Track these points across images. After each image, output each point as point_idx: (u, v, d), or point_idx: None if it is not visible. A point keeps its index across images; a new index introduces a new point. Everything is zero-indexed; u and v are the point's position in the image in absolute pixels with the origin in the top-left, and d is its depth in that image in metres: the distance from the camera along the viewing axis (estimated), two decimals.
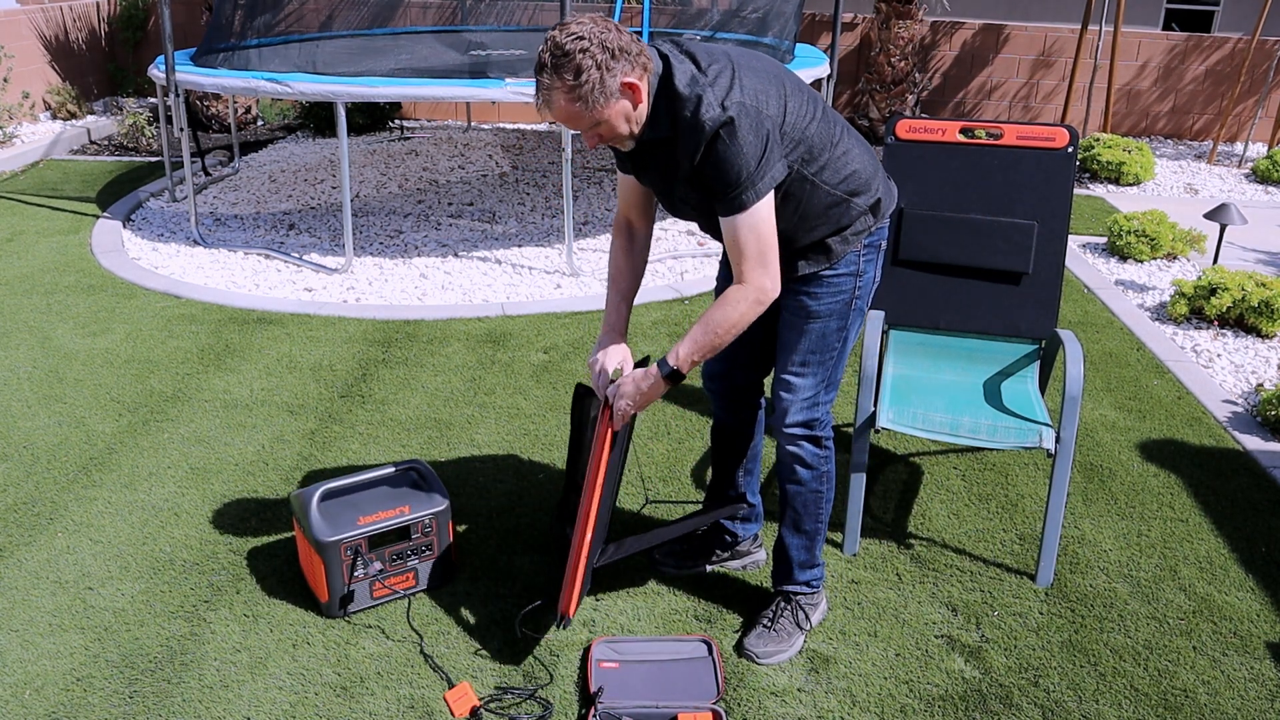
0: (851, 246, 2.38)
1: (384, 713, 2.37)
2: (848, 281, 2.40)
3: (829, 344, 2.43)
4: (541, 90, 2.10)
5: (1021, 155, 3.11)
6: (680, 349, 2.27)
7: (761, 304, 2.22)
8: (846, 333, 2.45)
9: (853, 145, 2.36)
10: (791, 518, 2.58)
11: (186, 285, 4.93)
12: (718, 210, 2.21)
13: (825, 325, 2.42)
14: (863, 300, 2.45)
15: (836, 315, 2.42)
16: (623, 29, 2.12)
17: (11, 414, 3.67)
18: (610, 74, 2.08)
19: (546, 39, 2.09)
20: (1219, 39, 8.43)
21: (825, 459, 2.53)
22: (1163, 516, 3.18)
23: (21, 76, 8.16)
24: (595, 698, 2.38)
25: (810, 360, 2.44)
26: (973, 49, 8.69)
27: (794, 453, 2.50)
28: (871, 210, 2.39)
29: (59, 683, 2.44)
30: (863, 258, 2.41)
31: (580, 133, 2.18)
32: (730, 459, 2.78)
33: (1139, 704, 2.44)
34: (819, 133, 2.27)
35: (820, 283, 2.40)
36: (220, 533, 3.01)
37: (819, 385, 2.46)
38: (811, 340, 2.43)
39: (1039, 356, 3.18)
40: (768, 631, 2.57)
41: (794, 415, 2.46)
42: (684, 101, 2.13)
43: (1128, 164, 7.10)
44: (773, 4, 6.05)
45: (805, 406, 2.46)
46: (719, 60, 2.19)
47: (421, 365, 4.10)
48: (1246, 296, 4.54)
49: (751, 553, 2.90)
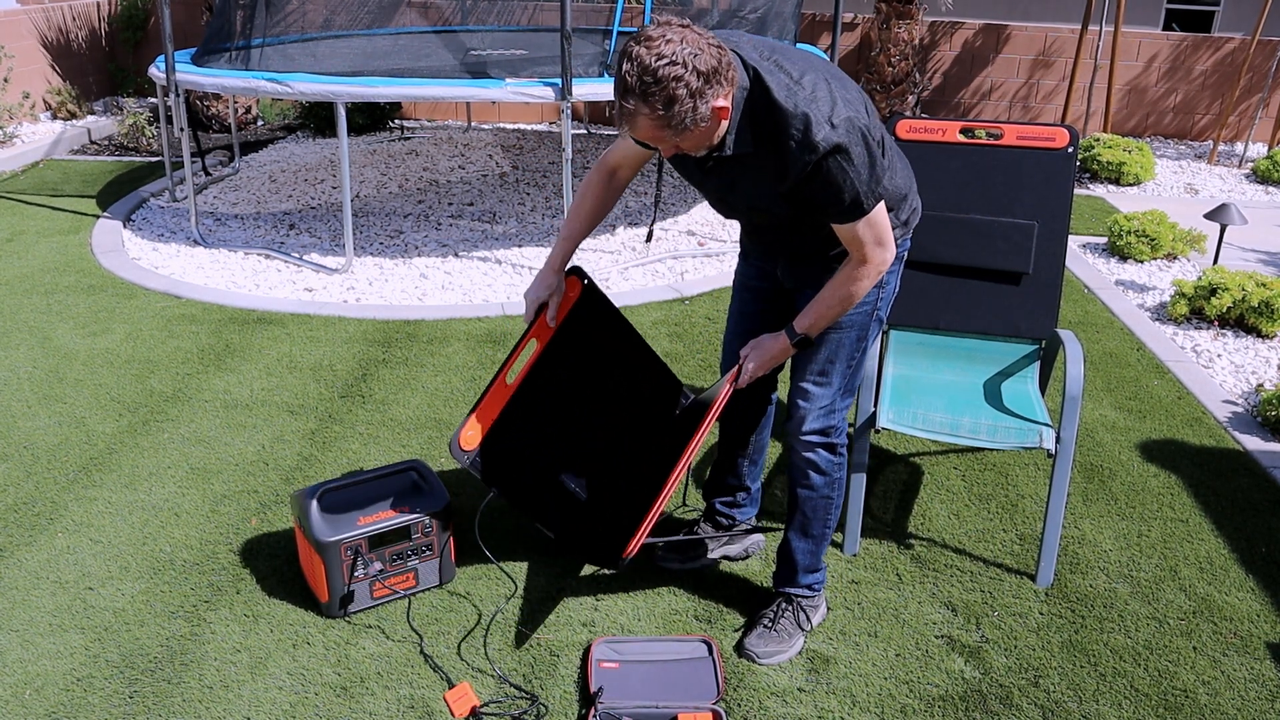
0: None
1: (384, 713, 2.37)
2: (871, 293, 2.40)
3: (849, 354, 2.45)
4: (625, 113, 1.99)
5: (1022, 155, 3.11)
6: (806, 317, 2.33)
7: (880, 274, 2.28)
8: (865, 343, 2.47)
9: (895, 159, 2.37)
10: (800, 522, 2.59)
11: (186, 285, 4.93)
12: (833, 220, 2.18)
13: (845, 336, 2.43)
14: (883, 310, 2.47)
15: (857, 326, 2.43)
16: (709, 39, 1.98)
17: (11, 414, 3.67)
18: (703, 101, 1.97)
19: (630, 55, 1.94)
20: (1219, 39, 8.43)
21: (839, 466, 2.55)
22: (1163, 516, 3.18)
23: (21, 76, 8.16)
24: (595, 698, 2.38)
25: (829, 369, 2.46)
26: (973, 49, 8.69)
27: (809, 459, 2.51)
28: (904, 224, 2.41)
29: (59, 683, 2.44)
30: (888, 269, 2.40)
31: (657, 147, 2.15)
32: (738, 448, 2.81)
33: (1139, 704, 2.44)
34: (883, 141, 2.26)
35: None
36: (220, 533, 3.01)
37: (836, 394, 2.48)
38: (831, 350, 2.44)
39: (1039, 356, 3.17)
40: (768, 632, 2.57)
41: (811, 423, 2.48)
42: (789, 118, 2.04)
43: (1128, 164, 7.10)
44: (772, 4, 6.05)
45: (822, 414, 2.48)
46: (808, 70, 2.10)
47: (422, 365, 4.10)
48: (1246, 297, 4.54)
49: (750, 536, 2.93)
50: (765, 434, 2.83)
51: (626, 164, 2.51)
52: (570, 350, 2.68)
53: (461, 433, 2.54)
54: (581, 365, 2.71)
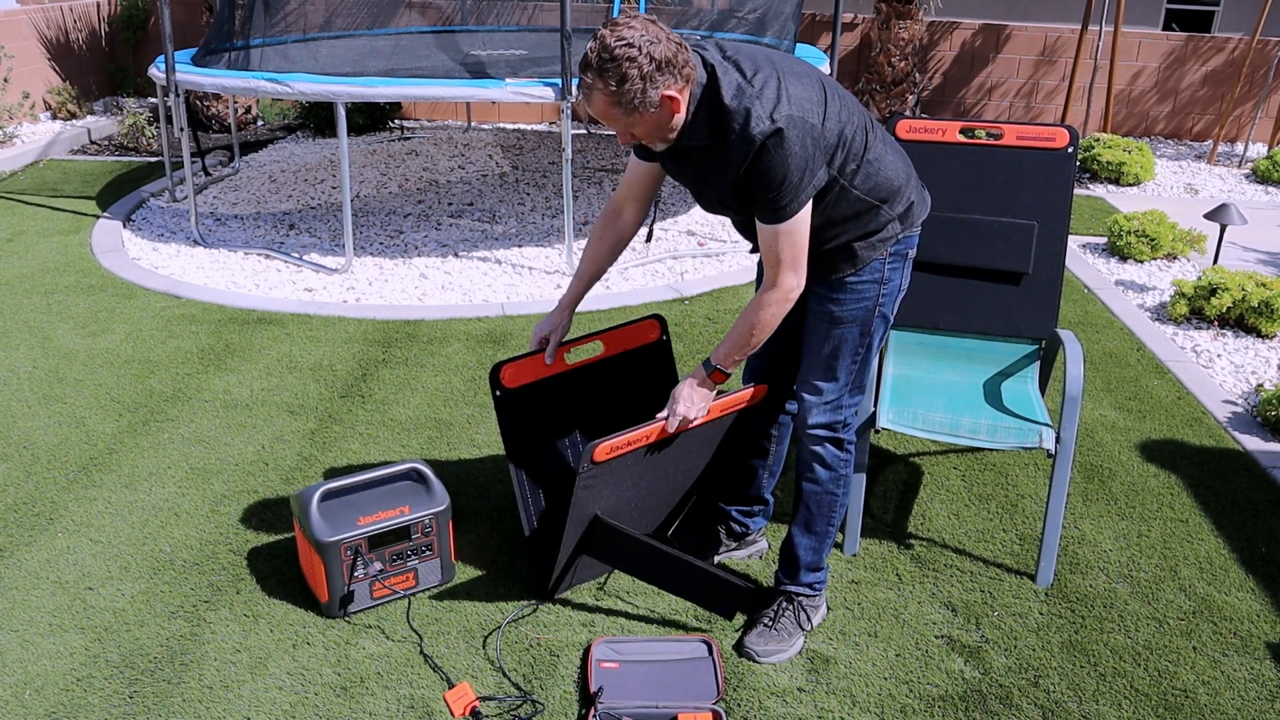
0: (877, 253, 2.39)
1: (384, 713, 2.37)
2: (872, 289, 2.41)
3: (853, 350, 2.46)
4: (583, 86, 2.14)
5: (1021, 155, 3.11)
6: (721, 349, 2.37)
7: (789, 302, 2.30)
8: (870, 339, 2.47)
9: (886, 151, 2.37)
10: (804, 517, 2.60)
11: (186, 285, 4.93)
12: (758, 216, 2.24)
13: (848, 331, 2.44)
14: (887, 307, 2.47)
15: (860, 322, 2.44)
16: (671, 35, 2.12)
17: (11, 414, 3.67)
18: (653, 86, 2.10)
19: (597, 35, 2.10)
20: (1219, 39, 8.43)
21: (845, 462, 2.56)
22: (1163, 516, 3.18)
23: (21, 76, 8.16)
24: (595, 698, 2.38)
25: (834, 365, 2.47)
26: (973, 49, 8.69)
27: (816, 452, 2.53)
28: (900, 218, 2.40)
29: (59, 683, 2.44)
30: (888, 265, 2.42)
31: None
32: (758, 458, 2.83)
33: (1139, 704, 2.44)
34: (855, 138, 2.29)
35: (845, 289, 2.41)
36: (220, 533, 3.01)
37: (842, 389, 2.49)
38: (835, 345, 2.45)
39: (1039, 356, 3.18)
40: (768, 631, 2.58)
41: (816, 417, 2.50)
42: (732, 115, 2.14)
43: (1128, 164, 7.10)
44: (771, 3, 6.05)
45: (828, 409, 2.49)
46: (764, 68, 2.19)
47: (421, 365, 4.10)
48: (1246, 297, 4.54)
49: (756, 542, 2.96)
50: (784, 445, 2.84)
51: (630, 202, 2.57)
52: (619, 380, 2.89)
53: (507, 368, 2.65)
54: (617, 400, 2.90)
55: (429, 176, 7.00)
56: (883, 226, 2.38)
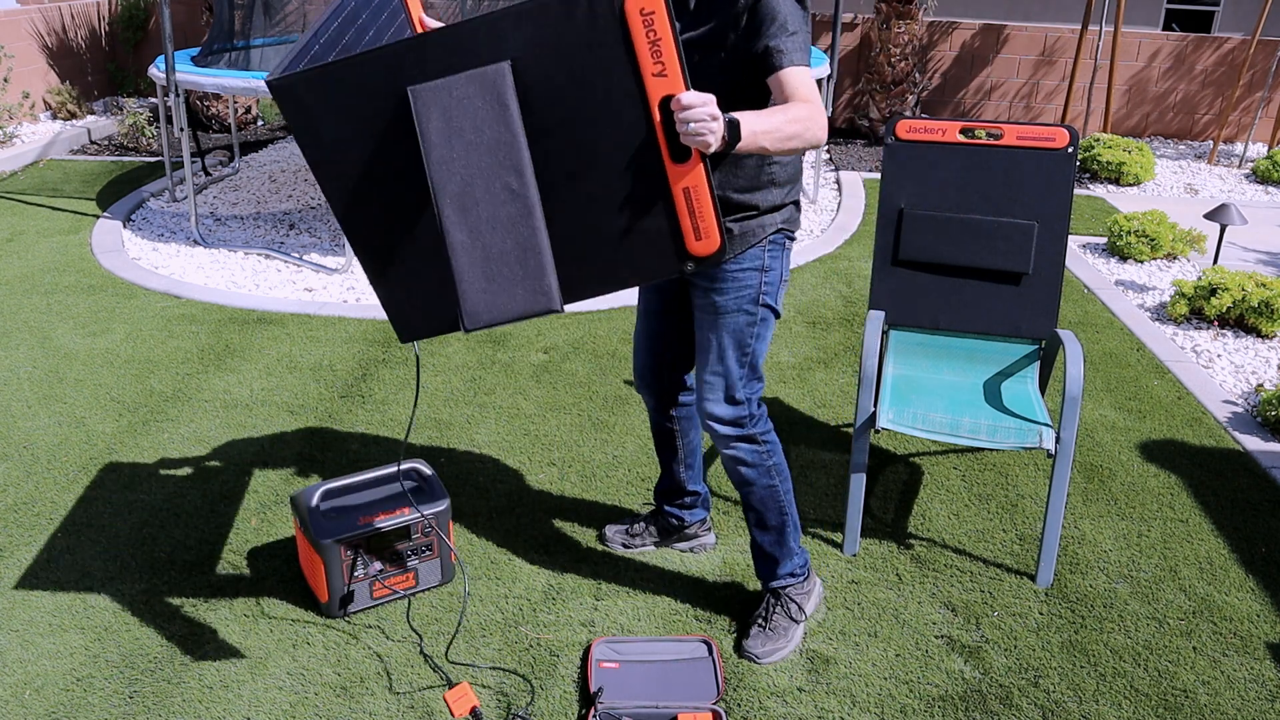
0: (754, 237, 2.40)
1: (384, 713, 2.37)
2: (753, 277, 2.42)
3: (741, 339, 2.45)
4: None
5: (1021, 155, 3.11)
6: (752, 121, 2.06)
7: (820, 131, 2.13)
8: (757, 328, 2.46)
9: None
10: (753, 517, 2.58)
11: (186, 285, 4.93)
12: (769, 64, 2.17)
13: (734, 320, 2.43)
14: (771, 296, 2.46)
15: (744, 310, 2.43)
16: None
17: (11, 414, 3.67)
18: None
19: None
20: (1219, 39, 8.43)
21: (766, 453, 2.52)
22: (1163, 516, 3.18)
23: (21, 76, 8.15)
24: (595, 698, 2.38)
25: (724, 356, 2.45)
26: (973, 49, 8.69)
27: (732, 455, 2.50)
28: (779, 209, 2.42)
29: (59, 683, 2.44)
30: (767, 253, 2.42)
31: None
32: (668, 456, 2.84)
33: (1139, 704, 2.44)
34: None
35: (726, 278, 2.41)
36: (220, 533, 3.01)
37: (738, 379, 2.46)
38: (722, 336, 2.44)
39: (1039, 356, 3.18)
40: (763, 631, 2.58)
41: (715, 409, 2.46)
42: None
43: (1128, 164, 7.10)
44: None
45: (726, 402, 2.46)
46: None
47: (422, 365, 4.10)
48: (1246, 297, 4.54)
49: (699, 535, 2.95)
50: (691, 435, 2.81)
51: None
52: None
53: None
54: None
55: None
56: (770, 203, 2.40)
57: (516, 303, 1.99)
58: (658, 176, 2.01)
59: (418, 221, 2.01)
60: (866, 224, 6.11)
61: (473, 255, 1.96)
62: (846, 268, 5.35)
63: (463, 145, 1.93)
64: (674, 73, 1.93)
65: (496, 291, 1.98)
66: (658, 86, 1.95)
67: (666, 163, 2.00)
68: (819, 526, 3.09)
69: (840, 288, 5.06)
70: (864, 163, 7.59)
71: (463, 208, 1.94)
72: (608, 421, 3.68)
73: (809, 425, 3.69)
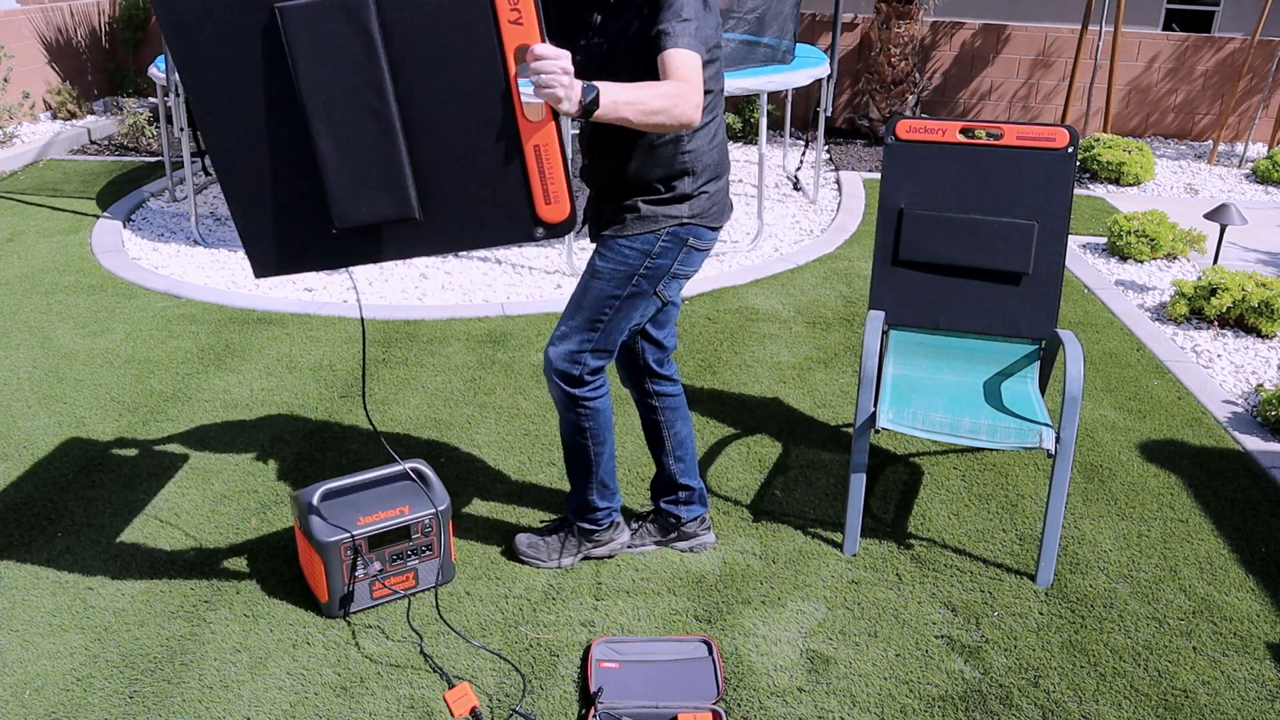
0: (656, 224, 2.46)
1: (384, 713, 2.37)
2: (636, 257, 2.49)
3: (599, 305, 2.52)
4: None
5: (1021, 155, 3.11)
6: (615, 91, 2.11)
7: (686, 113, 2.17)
8: (622, 305, 2.52)
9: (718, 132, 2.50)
10: (565, 457, 2.76)
11: (186, 285, 4.93)
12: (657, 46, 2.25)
13: (603, 287, 2.51)
14: (649, 282, 2.52)
15: (616, 283, 2.51)
16: None
17: (11, 414, 3.67)
18: None
19: None
20: (1219, 39, 8.43)
21: (585, 416, 2.64)
22: (1163, 516, 3.18)
23: (21, 76, 8.15)
24: (595, 698, 2.38)
25: (578, 311, 2.54)
26: (973, 49, 8.69)
27: (554, 394, 2.64)
28: (689, 199, 2.47)
29: (59, 683, 2.44)
30: (661, 241, 2.49)
31: None
32: (658, 449, 2.89)
33: (1139, 704, 2.44)
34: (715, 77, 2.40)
35: (613, 248, 2.50)
36: (220, 533, 3.01)
37: (583, 344, 2.55)
38: (586, 297, 2.53)
39: (1039, 356, 3.18)
40: (539, 538, 2.87)
41: (554, 361, 2.59)
42: None
43: (1128, 164, 7.10)
44: (770, 3, 6.05)
45: (564, 358, 2.57)
46: None
47: (421, 365, 4.10)
48: (1246, 297, 4.54)
49: (699, 534, 2.96)
50: (679, 427, 2.84)
51: None
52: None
53: None
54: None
55: None
56: (672, 194, 2.46)
57: (381, 207, 2.09)
58: (511, 131, 2.07)
59: (286, 147, 2.09)
60: (866, 224, 6.11)
61: (340, 166, 2.06)
62: (846, 268, 5.35)
63: (327, 65, 2.01)
64: (530, 21, 2.00)
65: (362, 198, 2.09)
66: (513, 35, 2.01)
67: (519, 116, 2.06)
68: (819, 526, 3.09)
69: (840, 288, 5.06)
70: (864, 163, 7.59)
71: (330, 123, 2.04)
72: None
73: (809, 425, 3.69)
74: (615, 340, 2.56)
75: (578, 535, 2.86)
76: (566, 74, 2.00)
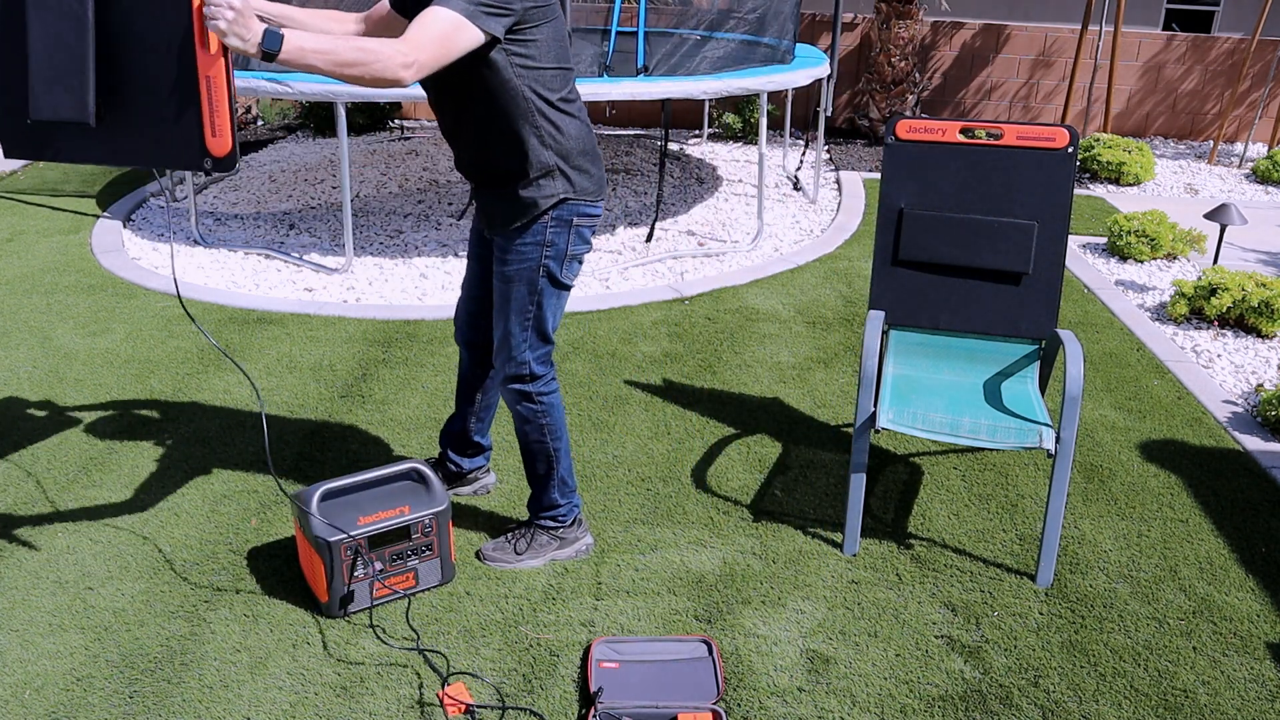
0: (536, 209, 2.55)
1: (384, 713, 2.37)
2: (534, 250, 2.59)
3: (522, 305, 2.64)
4: None
5: (1021, 155, 3.11)
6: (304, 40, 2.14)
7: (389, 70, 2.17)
8: (540, 298, 2.64)
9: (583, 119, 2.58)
10: (526, 461, 2.84)
11: (186, 285, 4.93)
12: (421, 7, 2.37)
13: (517, 289, 2.63)
14: (555, 268, 2.63)
15: (525, 281, 2.62)
16: None
17: (11, 414, 3.67)
18: None
19: None
20: (1219, 39, 8.43)
21: (542, 412, 2.74)
22: (1163, 516, 3.18)
23: None
24: (595, 698, 2.38)
25: (506, 319, 2.66)
26: (973, 49, 8.69)
27: (512, 406, 2.75)
28: (563, 176, 2.55)
29: (59, 683, 2.44)
30: (549, 229, 2.59)
31: None
32: (465, 405, 3.07)
33: (1139, 704, 2.44)
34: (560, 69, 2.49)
35: (511, 250, 2.60)
36: (220, 533, 3.01)
37: (520, 342, 2.67)
38: (508, 301, 2.65)
39: (1039, 356, 3.18)
40: (504, 544, 2.89)
41: (502, 369, 2.71)
42: None
43: (1128, 164, 7.10)
44: (770, 3, 6.05)
45: (509, 361, 2.69)
46: None
47: (421, 365, 4.10)
48: (1246, 297, 4.54)
49: (480, 478, 3.22)
50: (491, 394, 3.06)
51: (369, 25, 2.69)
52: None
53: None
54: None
55: (429, 176, 7.00)
56: (544, 174, 2.53)
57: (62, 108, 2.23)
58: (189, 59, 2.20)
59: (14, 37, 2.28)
60: (866, 224, 6.11)
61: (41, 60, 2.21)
62: (846, 268, 5.35)
63: None
64: None
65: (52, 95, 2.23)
66: None
67: (198, 46, 2.17)
68: (819, 526, 3.09)
69: (840, 288, 5.06)
70: (864, 163, 7.59)
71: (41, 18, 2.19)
72: (608, 421, 3.68)
73: (809, 425, 3.69)
74: (548, 329, 2.68)
75: (544, 534, 2.89)
76: (233, 9, 2.06)
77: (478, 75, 2.41)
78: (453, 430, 3.13)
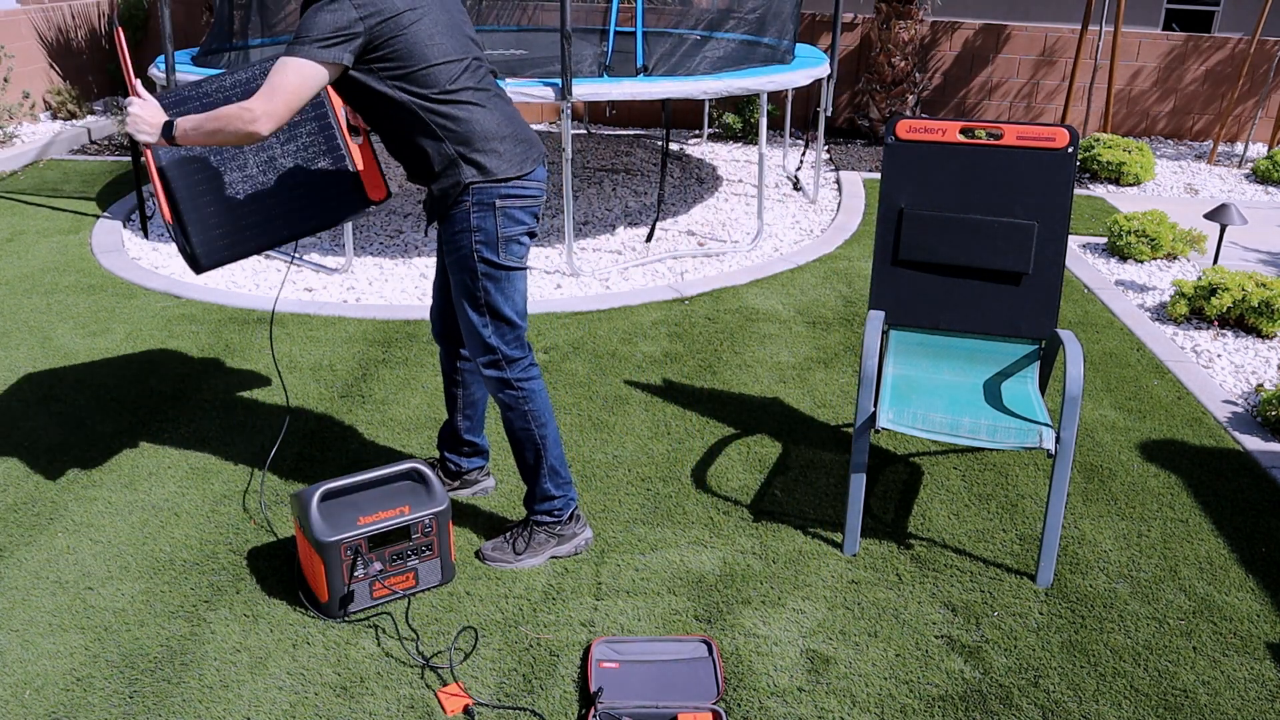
0: (452, 196, 2.61)
1: (384, 713, 2.37)
2: (465, 238, 2.64)
3: (470, 291, 2.69)
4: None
5: (1021, 155, 3.11)
6: (186, 123, 2.47)
7: (246, 125, 2.38)
8: (482, 281, 2.67)
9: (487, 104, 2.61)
10: (514, 451, 2.85)
11: (186, 285, 4.93)
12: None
13: (460, 277, 2.69)
14: (489, 251, 2.66)
15: (464, 268, 2.67)
16: None
17: (11, 414, 3.67)
18: None
19: None
20: (1219, 39, 8.43)
21: (523, 399, 2.76)
22: (1163, 516, 3.18)
23: (21, 76, 8.15)
24: (595, 698, 2.38)
25: (462, 306, 2.72)
26: (973, 49, 8.69)
27: (494, 395, 2.78)
28: (471, 162, 2.59)
29: (59, 683, 2.44)
30: (473, 214, 2.62)
31: None
32: (451, 405, 3.09)
33: (1139, 704, 2.44)
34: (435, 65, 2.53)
35: (446, 240, 2.68)
36: (220, 533, 3.01)
37: (482, 327, 2.71)
38: (458, 289, 2.71)
39: (1039, 356, 3.18)
40: (503, 543, 2.89)
41: (477, 358, 2.76)
42: None
43: (1128, 164, 7.10)
44: (770, 3, 6.05)
45: (480, 349, 2.73)
46: None
47: (421, 365, 4.10)
48: (1246, 297, 4.54)
49: (480, 481, 3.22)
50: (474, 389, 3.05)
51: None
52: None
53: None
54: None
55: None
56: (448, 164, 2.58)
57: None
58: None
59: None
60: (866, 224, 6.11)
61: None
62: (846, 268, 5.35)
63: None
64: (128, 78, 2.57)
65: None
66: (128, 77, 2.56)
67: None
68: (819, 526, 3.09)
69: (840, 288, 5.06)
70: (864, 163, 7.60)
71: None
72: (607, 421, 3.68)
73: (809, 425, 3.69)
74: (505, 312, 2.71)
75: (542, 532, 2.89)
76: (138, 117, 2.49)
77: (358, 93, 2.55)
78: (446, 429, 3.16)
